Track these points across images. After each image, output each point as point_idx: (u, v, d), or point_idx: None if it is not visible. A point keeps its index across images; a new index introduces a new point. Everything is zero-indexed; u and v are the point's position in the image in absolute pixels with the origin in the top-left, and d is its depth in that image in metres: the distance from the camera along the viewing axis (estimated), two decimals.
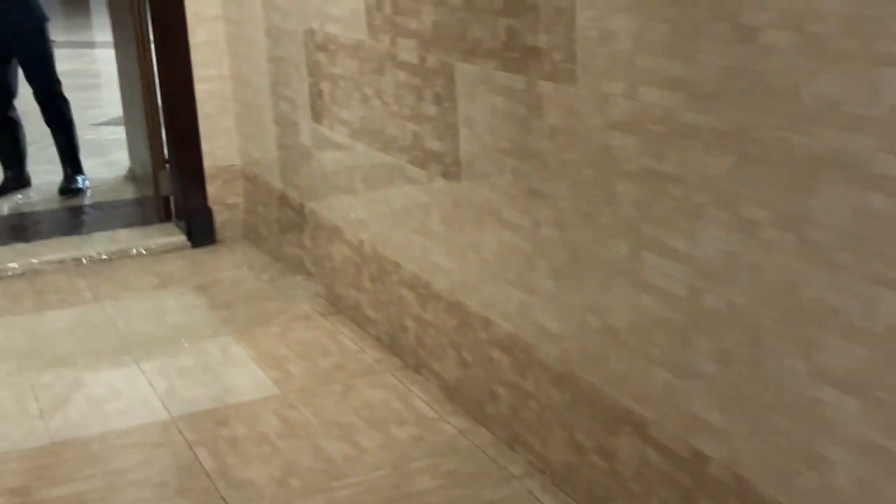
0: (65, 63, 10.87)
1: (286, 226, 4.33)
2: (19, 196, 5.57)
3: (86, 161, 6.32)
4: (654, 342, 2.20)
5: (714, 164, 1.93)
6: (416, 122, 3.08)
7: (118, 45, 5.52)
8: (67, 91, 5.82)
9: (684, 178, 2.02)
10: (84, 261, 4.52)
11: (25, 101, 5.80)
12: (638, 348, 2.25)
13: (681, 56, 1.98)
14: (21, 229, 5.02)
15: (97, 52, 11.88)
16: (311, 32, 3.73)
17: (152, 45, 4.71)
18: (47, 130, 5.78)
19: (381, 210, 3.45)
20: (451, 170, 2.93)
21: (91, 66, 10.88)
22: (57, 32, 13.31)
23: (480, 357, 2.93)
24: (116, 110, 7.12)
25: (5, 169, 5.73)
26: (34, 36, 5.49)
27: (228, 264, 4.49)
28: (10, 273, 4.42)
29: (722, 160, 1.91)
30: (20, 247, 4.70)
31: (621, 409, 2.34)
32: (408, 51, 3.06)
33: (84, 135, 7.20)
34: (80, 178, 5.60)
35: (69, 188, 5.52)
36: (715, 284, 1.98)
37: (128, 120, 5.61)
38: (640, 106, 2.11)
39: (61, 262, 4.50)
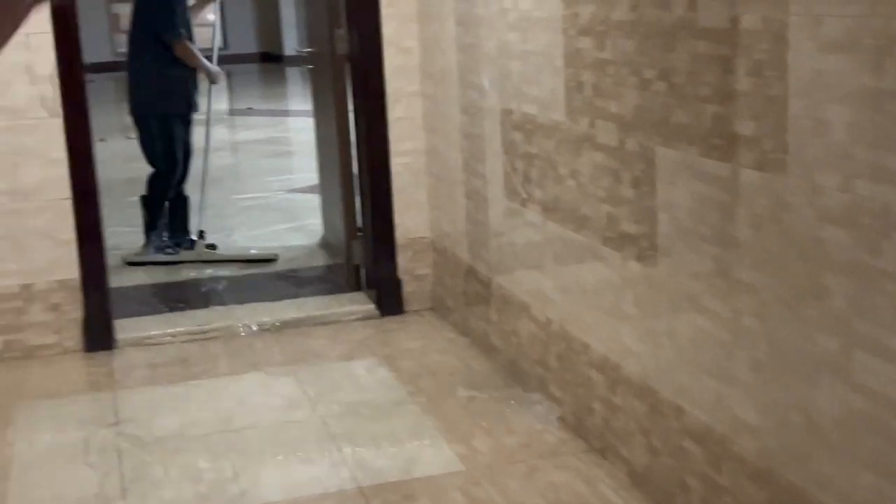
0: (261, 130, 11.43)
1: (473, 299, 4.37)
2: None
3: (280, 227, 6.59)
4: (864, 444, 2.10)
5: None
6: (612, 204, 3.08)
7: (318, 115, 5.74)
8: (263, 157, 6.08)
9: None
10: (276, 325, 4.67)
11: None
12: (845, 449, 2.16)
13: None
14: (215, 292, 5.24)
15: (290, 120, 12.40)
16: (508, 112, 3.79)
17: (351, 118, 4.88)
18: None
19: (570, 289, 3.45)
20: (647, 253, 2.90)
21: (285, 135, 11.35)
22: (255, 101, 13.99)
23: (671, 446, 2.86)
24: (309, 178, 7.39)
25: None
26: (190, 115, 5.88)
27: (416, 335, 4.56)
28: (207, 335, 4.61)
29: None
30: (217, 309, 4.90)
31: None
32: (607, 133, 3.07)
33: (279, 201, 7.52)
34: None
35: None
36: None
37: (323, 189, 5.81)
38: (856, 199, 2.05)
39: (257, 325, 4.67)
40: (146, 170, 5.79)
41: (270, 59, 19.11)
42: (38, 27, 4.22)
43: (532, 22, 3.50)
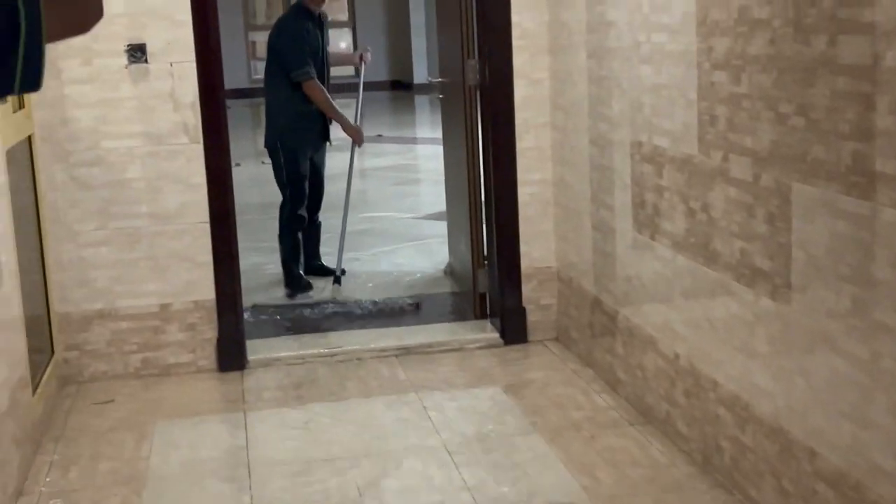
0: (390, 157, 11.60)
1: (598, 331, 4.35)
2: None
3: (406, 253, 6.68)
4: None
5: None
6: (745, 240, 3.04)
7: (447, 143, 5.81)
8: (391, 183, 6.17)
9: None
10: (402, 350, 4.73)
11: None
12: None
13: None
14: (343, 316, 5.33)
15: (419, 147, 12.55)
16: (638, 144, 3.78)
17: (481, 147, 4.92)
18: None
19: (700, 324, 3.40)
20: (781, 291, 2.85)
21: (413, 162, 11.49)
22: (385, 128, 14.25)
23: (803, 489, 2.79)
24: (435, 205, 7.47)
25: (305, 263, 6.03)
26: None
27: (540, 365, 4.56)
28: (335, 358, 4.69)
29: None
30: (345, 333, 4.99)
31: None
32: (741, 168, 3.03)
33: (406, 228, 7.62)
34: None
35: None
36: None
37: (450, 216, 5.86)
38: None
39: (383, 350, 4.73)
40: (279, 194, 5.92)
41: (400, 87, 19.39)
42: (183, 56, 4.40)
43: (665, 55, 3.48)
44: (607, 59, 4.01)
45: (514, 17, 4.65)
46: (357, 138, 6.05)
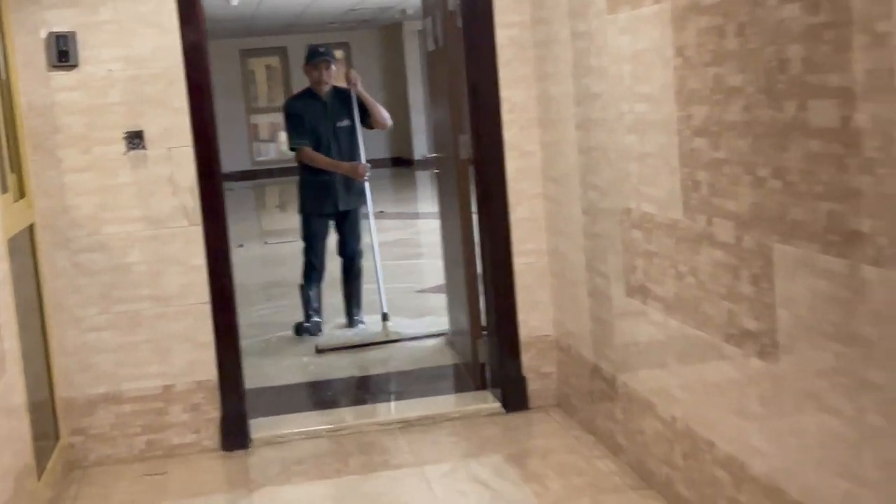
0: (392, 233, 11.69)
1: (598, 397, 4.38)
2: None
3: (408, 325, 6.72)
4: None
5: None
6: (732, 301, 3.09)
7: (444, 217, 5.89)
8: (394, 258, 6.35)
9: None
10: (405, 423, 4.75)
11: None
12: None
13: None
14: (344, 391, 5.36)
15: (421, 222, 12.64)
16: (627, 211, 3.85)
17: (476, 220, 5.00)
18: None
19: (694, 387, 3.44)
20: (769, 350, 2.89)
21: (414, 237, 11.57)
22: (387, 204, 14.36)
23: None
24: (436, 278, 7.52)
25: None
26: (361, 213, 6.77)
27: (541, 433, 4.58)
28: (338, 433, 4.71)
29: None
30: (347, 409, 5.02)
31: None
32: (724, 231, 3.09)
33: (407, 301, 7.66)
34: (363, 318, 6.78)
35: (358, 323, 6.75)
36: None
37: (449, 288, 5.92)
38: None
39: (385, 424, 4.76)
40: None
41: (402, 164, 19.59)
42: (180, 141, 4.49)
43: (648, 124, 3.57)
44: (594, 130, 4.11)
45: (504, 93, 4.76)
46: (353, 172, 6.51)
